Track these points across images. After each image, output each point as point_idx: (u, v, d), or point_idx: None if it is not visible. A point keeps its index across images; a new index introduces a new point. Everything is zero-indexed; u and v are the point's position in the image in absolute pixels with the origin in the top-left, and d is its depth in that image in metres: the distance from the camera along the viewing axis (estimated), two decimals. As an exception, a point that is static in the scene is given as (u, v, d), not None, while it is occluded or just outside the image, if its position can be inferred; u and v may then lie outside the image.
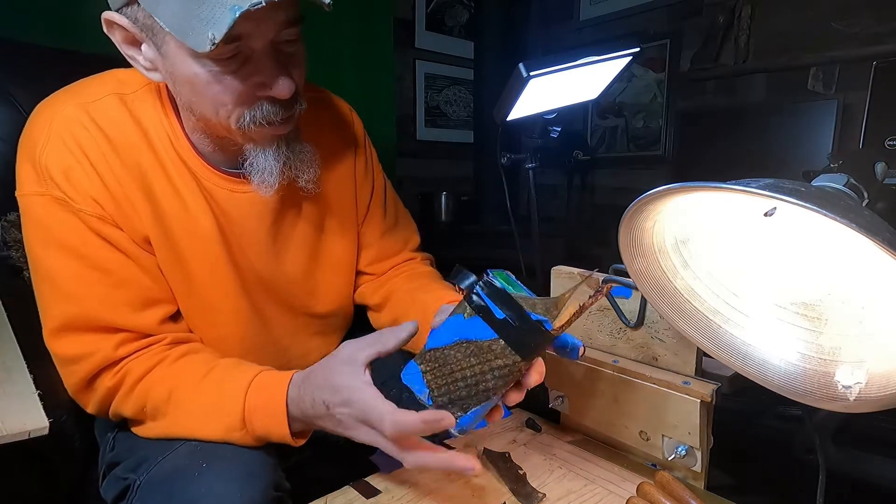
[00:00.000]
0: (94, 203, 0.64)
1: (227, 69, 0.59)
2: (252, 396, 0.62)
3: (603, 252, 2.33)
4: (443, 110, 2.60)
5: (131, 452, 0.67)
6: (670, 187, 0.46)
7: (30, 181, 0.64)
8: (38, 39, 1.22)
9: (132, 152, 0.67)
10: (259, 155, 0.67)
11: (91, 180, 0.64)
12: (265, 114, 0.62)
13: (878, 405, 0.51)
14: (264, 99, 0.62)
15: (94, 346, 0.63)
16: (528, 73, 0.81)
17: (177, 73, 0.61)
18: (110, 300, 0.64)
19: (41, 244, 0.64)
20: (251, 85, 0.60)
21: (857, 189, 0.53)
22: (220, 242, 0.72)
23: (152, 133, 0.68)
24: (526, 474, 0.71)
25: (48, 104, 0.67)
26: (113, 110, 0.66)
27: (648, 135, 2.26)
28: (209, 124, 0.66)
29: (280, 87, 0.60)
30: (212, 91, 0.60)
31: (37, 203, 0.63)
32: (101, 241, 0.64)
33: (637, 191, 0.49)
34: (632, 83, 2.28)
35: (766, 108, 1.85)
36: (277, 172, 0.68)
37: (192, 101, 0.63)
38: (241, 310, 0.76)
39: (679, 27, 2.08)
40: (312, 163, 0.72)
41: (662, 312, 0.64)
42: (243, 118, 0.62)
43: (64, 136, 0.63)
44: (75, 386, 0.65)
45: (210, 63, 0.58)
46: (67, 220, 0.63)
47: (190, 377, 0.64)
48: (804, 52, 1.71)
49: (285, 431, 0.61)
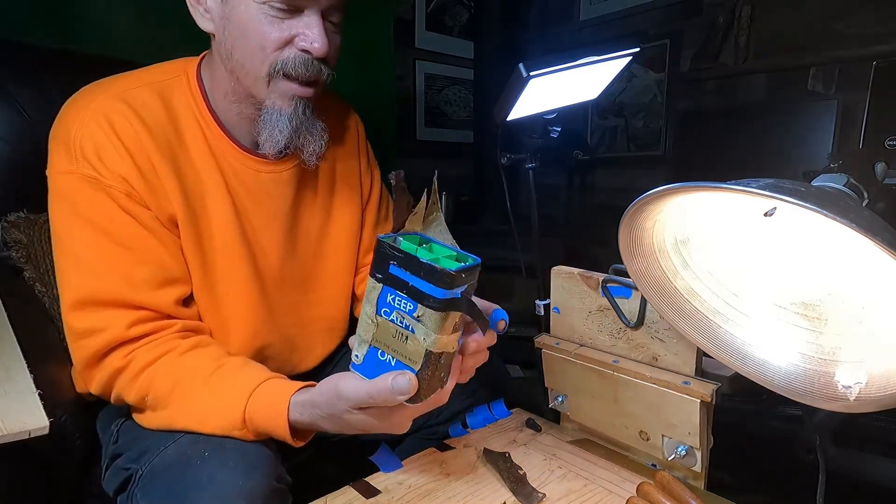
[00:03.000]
0: (124, 181, 0.66)
1: (279, 14, 0.66)
2: (255, 399, 0.62)
3: (603, 252, 2.33)
4: (443, 110, 2.60)
5: (134, 443, 0.67)
6: (670, 187, 0.46)
7: (61, 161, 0.66)
8: (38, 39, 1.22)
9: (164, 135, 0.70)
10: (274, 113, 0.71)
11: (122, 158, 0.66)
12: (295, 64, 0.68)
13: (878, 405, 0.51)
14: (299, 51, 0.68)
15: (109, 321, 0.65)
16: (528, 73, 0.80)
17: (233, 16, 0.67)
18: (131, 276, 0.66)
19: (67, 219, 0.66)
20: (294, 34, 0.67)
21: (857, 189, 0.53)
22: (235, 222, 0.75)
23: (182, 117, 0.73)
24: (526, 474, 0.71)
25: (83, 94, 0.70)
26: (146, 96, 0.70)
27: (648, 135, 2.26)
28: (241, 77, 0.70)
29: (318, 43, 0.67)
30: (260, 31, 0.66)
31: (66, 180, 0.66)
32: (127, 218, 0.66)
33: (637, 191, 0.49)
34: (632, 83, 2.28)
35: (766, 108, 1.85)
36: (287, 133, 0.71)
37: (236, 46, 0.68)
38: (250, 294, 0.77)
39: (679, 27, 2.08)
40: (321, 138, 0.75)
41: (662, 312, 0.64)
42: (276, 64, 0.68)
43: (99, 119, 0.66)
44: (84, 361, 0.66)
45: (267, 7, 0.65)
46: (95, 197, 0.65)
47: (196, 372, 0.64)
48: (804, 52, 1.70)
49: (286, 433, 0.61)
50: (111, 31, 1.46)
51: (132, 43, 1.45)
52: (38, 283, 0.97)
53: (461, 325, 0.52)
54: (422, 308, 0.48)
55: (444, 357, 0.51)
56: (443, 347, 0.50)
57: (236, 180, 0.75)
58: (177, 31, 1.59)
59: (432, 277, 0.47)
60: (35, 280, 0.97)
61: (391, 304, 0.50)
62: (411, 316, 0.49)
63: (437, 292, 0.47)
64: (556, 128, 1.03)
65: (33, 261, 0.98)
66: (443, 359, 0.51)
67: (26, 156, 1.05)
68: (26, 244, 0.97)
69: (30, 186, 1.04)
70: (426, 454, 0.78)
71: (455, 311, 0.49)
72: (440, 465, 0.75)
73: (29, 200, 1.02)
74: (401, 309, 0.50)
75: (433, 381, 0.52)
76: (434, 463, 0.75)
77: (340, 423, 0.58)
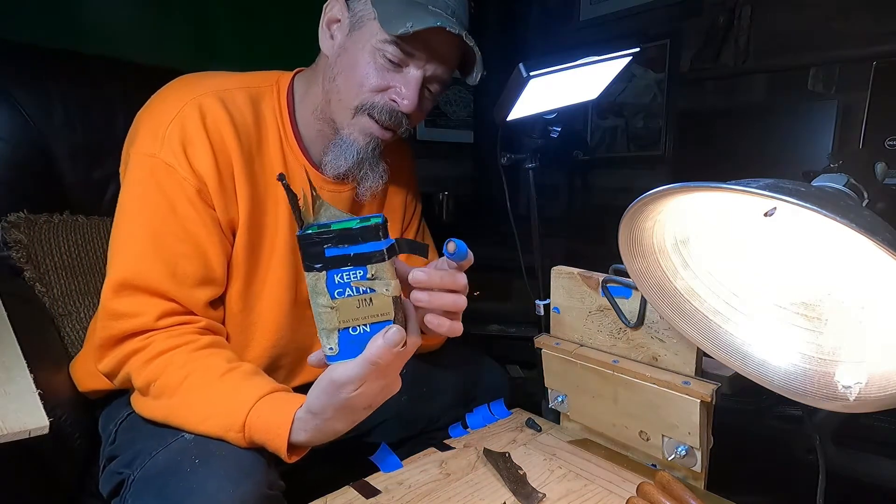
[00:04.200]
0: (199, 177, 0.69)
1: (386, 66, 0.72)
2: (261, 405, 0.61)
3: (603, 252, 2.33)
4: (443, 110, 2.60)
5: (129, 446, 0.67)
6: (670, 187, 0.46)
7: (147, 143, 0.69)
8: (38, 39, 1.22)
9: (248, 140, 0.74)
10: (347, 140, 0.76)
11: (205, 155, 0.69)
12: (380, 111, 0.74)
13: (878, 405, 0.51)
14: (390, 101, 0.73)
15: (142, 308, 0.66)
16: (528, 73, 0.80)
17: (350, 50, 0.73)
18: (176, 269, 0.68)
19: (136, 199, 0.69)
20: (392, 85, 0.73)
21: (857, 189, 0.53)
22: (290, 240, 0.77)
23: (266, 124, 0.77)
24: (526, 474, 0.71)
25: (183, 82, 0.74)
26: (241, 99, 0.74)
27: (648, 135, 2.25)
28: (332, 101, 0.75)
29: (408, 101, 0.73)
30: (366, 71, 0.72)
31: (147, 162, 0.68)
32: (191, 213, 0.69)
33: (637, 191, 0.49)
34: (632, 83, 2.27)
35: (766, 108, 1.85)
36: (352, 162, 0.76)
37: (340, 74, 0.74)
38: (283, 307, 0.79)
39: (679, 27, 2.08)
40: (380, 178, 0.80)
41: (662, 312, 0.64)
42: (365, 103, 0.73)
43: (194, 112, 0.69)
44: (105, 339, 0.67)
45: (380, 54, 0.71)
46: (168, 185, 0.68)
47: (209, 370, 0.64)
48: (804, 52, 1.70)
49: (282, 446, 0.60)
50: (111, 31, 1.46)
51: (132, 43, 1.45)
52: (38, 283, 0.97)
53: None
54: (372, 266, 0.52)
55: (401, 299, 0.56)
56: (399, 290, 0.55)
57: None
58: (177, 31, 1.60)
59: (369, 235, 0.52)
60: (35, 280, 0.97)
61: (342, 282, 0.53)
62: (365, 279, 0.53)
63: (379, 245, 0.52)
64: (556, 128, 1.03)
65: (33, 261, 0.98)
66: (401, 300, 0.56)
67: (26, 156, 1.05)
68: (26, 244, 0.98)
69: (30, 186, 1.05)
70: (426, 454, 0.78)
71: (398, 253, 0.54)
72: (440, 465, 0.75)
73: (29, 200, 1.02)
74: (354, 279, 0.53)
75: (405, 324, 0.57)
76: (434, 463, 0.75)
77: (347, 412, 0.57)
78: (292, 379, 0.84)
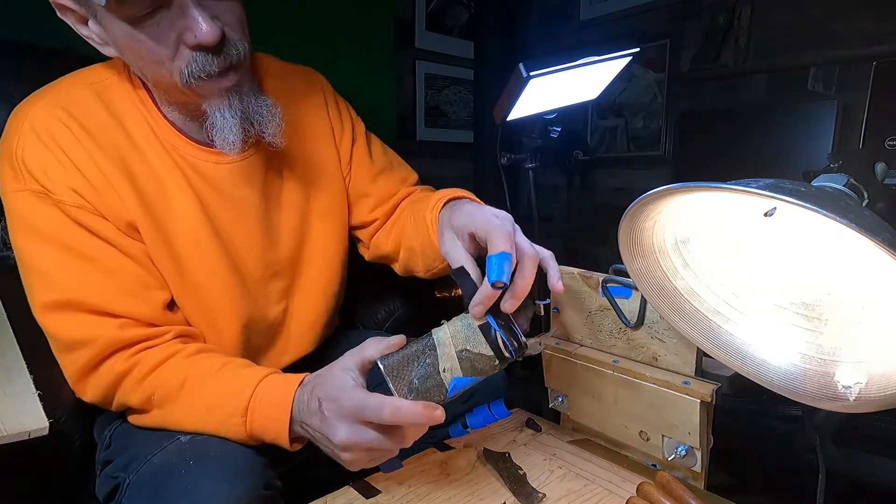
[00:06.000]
0: (73, 193, 0.64)
1: (150, 24, 0.58)
2: (261, 388, 0.62)
3: (603, 252, 2.33)
4: (443, 110, 2.60)
5: (124, 450, 0.67)
6: (670, 187, 0.46)
7: (8, 179, 0.64)
8: (38, 39, 1.22)
9: (109, 138, 0.67)
10: (216, 113, 0.66)
11: (68, 171, 0.64)
12: (200, 65, 0.61)
13: (878, 405, 0.51)
14: (194, 49, 0.60)
15: (96, 329, 0.63)
16: (528, 73, 0.81)
17: (118, 41, 0.61)
18: (100, 288, 0.64)
19: (24, 237, 0.64)
20: (175, 36, 0.59)
21: (857, 189, 0.53)
22: (204, 220, 0.72)
23: (127, 118, 0.69)
24: (526, 474, 0.71)
25: (21, 107, 0.67)
26: (86, 100, 0.67)
27: (648, 135, 2.26)
28: (166, 88, 0.65)
29: (202, 32, 0.58)
30: (146, 49, 0.59)
31: (17, 199, 0.64)
32: (83, 231, 0.64)
33: (637, 191, 0.49)
34: (632, 83, 2.27)
35: (766, 108, 1.85)
36: (237, 128, 0.67)
37: (140, 67, 0.63)
38: (232, 289, 0.75)
39: (679, 27, 2.08)
40: (274, 115, 0.70)
41: (662, 312, 0.64)
42: (183, 73, 0.61)
43: (38, 131, 0.64)
44: (78, 373, 0.65)
45: (133, 22, 0.57)
46: (48, 212, 0.63)
47: (206, 369, 0.65)
48: (804, 52, 1.70)
49: (284, 429, 0.61)
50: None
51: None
52: (38, 283, 0.97)
53: None
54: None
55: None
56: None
57: (197, 176, 0.72)
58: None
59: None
60: (35, 280, 0.97)
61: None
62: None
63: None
64: (555, 128, 1.03)
65: (33, 261, 0.97)
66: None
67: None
68: (26, 244, 0.97)
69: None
70: (426, 454, 0.77)
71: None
72: (440, 465, 0.75)
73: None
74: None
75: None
76: (434, 463, 0.75)
77: (320, 417, 0.58)
78: (281, 360, 0.84)
